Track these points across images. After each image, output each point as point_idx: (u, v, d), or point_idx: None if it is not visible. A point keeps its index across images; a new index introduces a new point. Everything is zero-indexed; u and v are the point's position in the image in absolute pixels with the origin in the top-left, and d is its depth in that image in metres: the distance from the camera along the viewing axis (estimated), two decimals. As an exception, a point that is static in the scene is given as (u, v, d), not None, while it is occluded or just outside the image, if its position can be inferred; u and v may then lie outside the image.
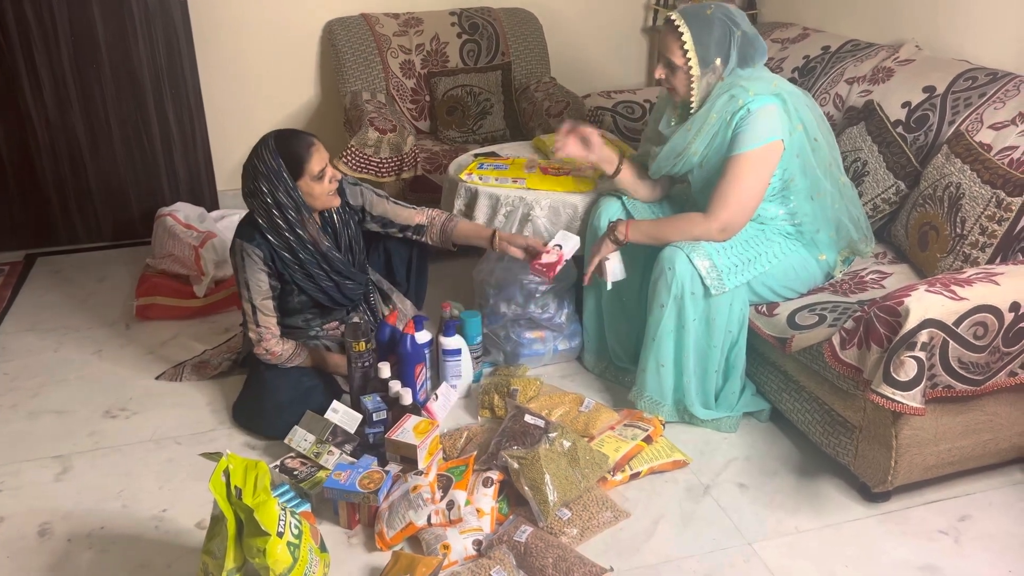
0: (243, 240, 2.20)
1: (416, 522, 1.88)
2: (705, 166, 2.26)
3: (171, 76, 3.34)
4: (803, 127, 2.19)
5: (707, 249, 2.17)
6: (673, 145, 2.26)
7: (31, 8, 3.12)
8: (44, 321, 2.90)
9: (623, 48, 4.05)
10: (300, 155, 2.15)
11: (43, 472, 2.17)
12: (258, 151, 2.17)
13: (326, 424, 2.13)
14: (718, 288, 2.15)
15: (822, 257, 2.33)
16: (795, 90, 2.22)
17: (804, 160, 2.21)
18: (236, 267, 2.23)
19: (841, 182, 2.31)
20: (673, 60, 2.17)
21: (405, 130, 3.13)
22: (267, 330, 2.23)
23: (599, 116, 3.29)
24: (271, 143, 2.16)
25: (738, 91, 2.15)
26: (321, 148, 2.20)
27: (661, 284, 2.19)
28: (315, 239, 2.23)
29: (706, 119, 2.19)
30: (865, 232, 2.37)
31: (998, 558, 1.90)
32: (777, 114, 2.15)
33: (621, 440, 2.16)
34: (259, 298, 2.22)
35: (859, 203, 2.38)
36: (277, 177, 2.14)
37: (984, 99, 2.40)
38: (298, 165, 2.15)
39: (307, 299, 2.31)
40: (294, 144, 2.17)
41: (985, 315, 1.82)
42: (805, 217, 2.28)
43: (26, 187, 3.37)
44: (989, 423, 2.00)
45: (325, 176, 2.19)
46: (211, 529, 1.65)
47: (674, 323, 2.21)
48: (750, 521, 2.01)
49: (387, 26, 3.52)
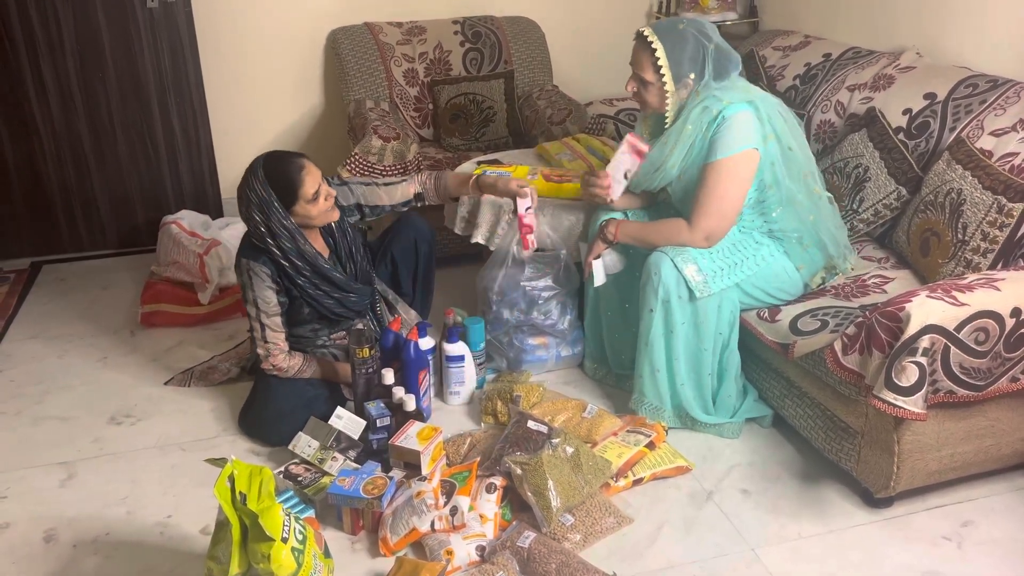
0: (248, 259, 2.19)
1: (420, 528, 1.88)
2: (684, 177, 2.26)
3: (176, 84, 3.37)
4: (775, 136, 2.19)
5: (692, 254, 2.19)
6: (651, 160, 2.27)
7: (37, 16, 3.15)
8: (49, 328, 2.92)
9: (625, 56, 4.04)
10: (292, 180, 2.13)
11: (48, 478, 2.18)
12: (248, 180, 2.14)
13: (330, 430, 2.14)
14: (703, 291, 2.16)
15: (800, 268, 2.32)
16: (767, 96, 2.23)
17: (778, 169, 2.21)
18: (244, 285, 2.23)
19: (816, 194, 2.29)
20: (645, 77, 2.19)
21: (408, 138, 3.15)
22: (275, 346, 2.24)
23: (601, 124, 3.30)
24: (260, 173, 2.13)
25: (711, 101, 2.16)
26: (312, 168, 2.17)
27: (648, 289, 2.21)
28: (313, 262, 2.22)
29: (681, 131, 2.19)
30: (843, 249, 2.35)
31: (1001, 563, 1.90)
32: (751, 122, 2.15)
33: (624, 446, 2.16)
34: (267, 316, 2.22)
35: (838, 218, 2.37)
36: (269, 208, 2.13)
37: (985, 106, 2.41)
38: (291, 192, 2.14)
39: (314, 311, 2.31)
40: (285, 169, 2.14)
41: (986, 321, 1.82)
42: (782, 228, 2.28)
43: (32, 195, 3.39)
44: (991, 428, 2.00)
45: (320, 196, 2.17)
46: (216, 535, 1.66)
47: (663, 327, 2.22)
48: (753, 527, 2.01)
49: (390, 35, 3.54)
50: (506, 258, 2.50)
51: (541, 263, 2.53)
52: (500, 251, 2.54)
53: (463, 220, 2.68)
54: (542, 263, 2.53)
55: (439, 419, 2.40)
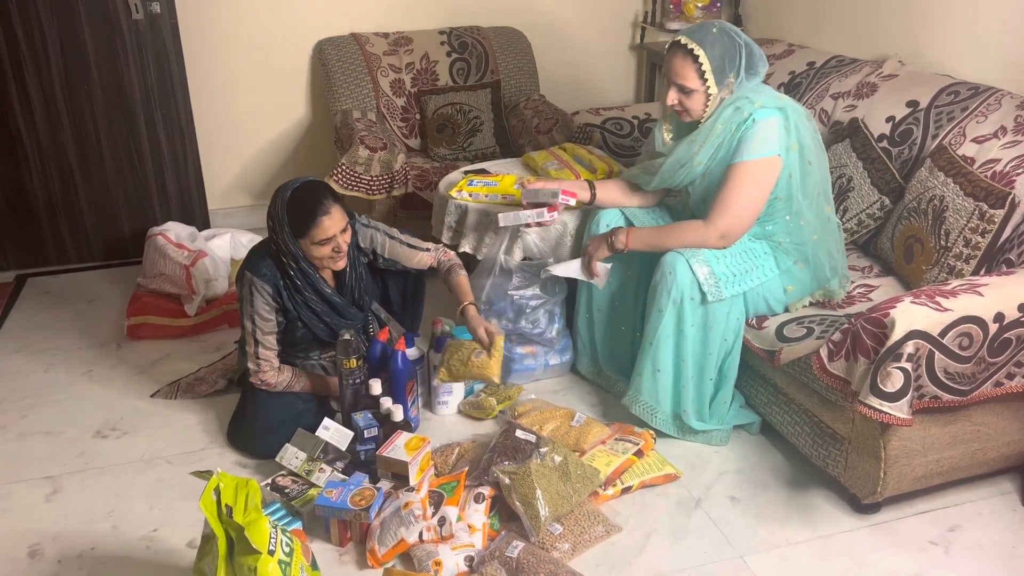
0: (253, 274, 2.18)
1: (408, 539, 1.88)
2: (708, 176, 2.27)
3: (162, 96, 3.36)
4: (799, 147, 2.19)
5: (706, 256, 2.19)
6: (678, 157, 2.27)
7: (22, 30, 3.14)
8: (34, 342, 2.90)
9: (612, 65, 4.09)
10: (307, 218, 2.11)
11: (33, 493, 2.16)
12: (276, 195, 2.16)
13: (317, 442, 2.13)
14: (715, 295, 2.17)
15: (789, 288, 2.30)
16: (798, 107, 2.23)
17: (793, 182, 2.21)
18: (242, 298, 2.21)
19: (826, 215, 2.29)
20: (688, 85, 2.17)
21: (395, 148, 3.15)
22: (266, 362, 2.23)
23: (588, 133, 3.31)
24: (287, 195, 2.13)
25: (743, 103, 2.17)
26: (335, 216, 2.12)
27: (661, 288, 2.20)
28: (315, 284, 2.22)
29: (711, 130, 2.20)
30: (840, 277, 2.31)
31: (988, 567, 1.91)
32: (778, 129, 2.16)
33: (612, 454, 2.16)
34: (263, 333, 2.21)
35: (841, 244, 2.33)
36: (281, 228, 2.14)
37: (966, 113, 2.43)
38: (301, 227, 2.12)
39: (308, 332, 2.30)
40: (308, 205, 2.11)
41: (970, 326, 1.83)
42: (780, 241, 2.28)
43: (17, 208, 3.37)
44: (976, 433, 2.01)
45: (327, 245, 2.14)
46: (202, 548, 1.65)
47: (673, 328, 2.22)
48: (741, 534, 2.01)
49: (377, 45, 3.54)
50: (493, 267, 2.51)
51: (529, 272, 2.53)
52: (487, 260, 2.54)
53: (450, 229, 2.69)
54: (530, 272, 2.53)
55: (427, 429, 2.39)
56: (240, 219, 3.73)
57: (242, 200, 3.82)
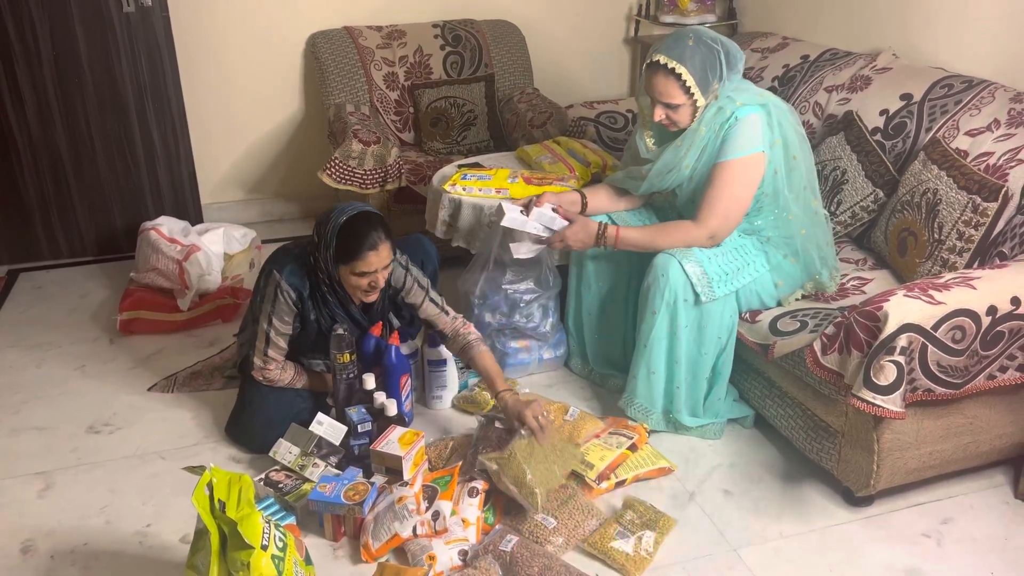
0: (281, 275, 2.16)
1: (401, 533, 1.88)
2: (695, 178, 2.27)
3: (154, 91, 3.34)
4: (783, 142, 2.20)
5: (698, 256, 2.19)
6: (665, 162, 2.26)
7: (13, 25, 3.11)
8: (27, 337, 2.89)
9: (606, 59, 4.08)
10: (355, 248, 2.07)
11: (26, 489, 2.15)
12: (329, 214, 2.11)
13: (311, 436, 2.13)
14: (708, 296, 2.17)
15: (779, 284, 2.30)
16: (780, 102, 2.24)
17: (779, 178, 2.21)
18: (264, 297, 2.18)
19: (813, 208, 2.29)
20: (674, 102, 2.16)
21: (389, 142, 3.14)
22: (272, 360, 2.23)
23: (582, 126, 3.31)
24: (341, 220, 2.08)
25: (725, 102, 2.17)
26: (382, 254, 2.08)
27: (654, 291, 2.20)
28: (343, 303, 2.22)
29: (696, 133, 2.19)
30: (831, 269, 2.32)
31: (980, 560, 1.92)
32: (761, 125, 2.16)
33: (606, 448, 2.17)
34: (276, 333, 2.20)
35: (830, 236, 2.33)
36: (326, 248, 2.11)
37: (960, 106, 2.43)
38: (346, 255, 2.09)
39: (320, 340, 2.27)
40: (358, 235, 2.07)
41: (963, 319, 1.84)
42: (769, 236, 2.28)
43: (8, 203, 3.35)
44: (969, 426, 2.02)
45: (365, 278, 2.11)
46: (195, 543, 1.64)
47: (666, 330, 2.22)
48: (735, 527, 2.01)
49: (370, 39, 3.53)
50: (487, 261, 2.50)
51: (522, 266, 2.53)
52: (481, 255, 2.54)
53: (444, 223, 2.68)
54: (523, 266, 2.53)
55: (421, 424, 2.39)
56: (233, 213, 3.72)
57: (235, 194, 3.81)
